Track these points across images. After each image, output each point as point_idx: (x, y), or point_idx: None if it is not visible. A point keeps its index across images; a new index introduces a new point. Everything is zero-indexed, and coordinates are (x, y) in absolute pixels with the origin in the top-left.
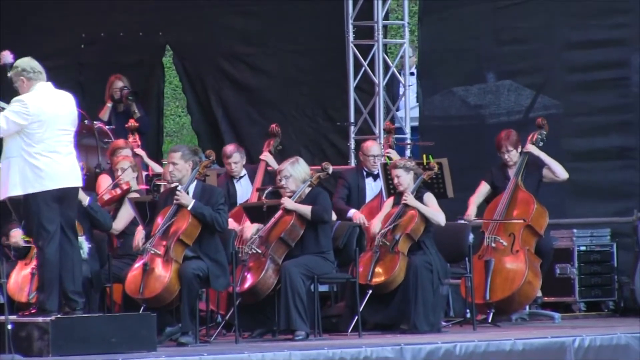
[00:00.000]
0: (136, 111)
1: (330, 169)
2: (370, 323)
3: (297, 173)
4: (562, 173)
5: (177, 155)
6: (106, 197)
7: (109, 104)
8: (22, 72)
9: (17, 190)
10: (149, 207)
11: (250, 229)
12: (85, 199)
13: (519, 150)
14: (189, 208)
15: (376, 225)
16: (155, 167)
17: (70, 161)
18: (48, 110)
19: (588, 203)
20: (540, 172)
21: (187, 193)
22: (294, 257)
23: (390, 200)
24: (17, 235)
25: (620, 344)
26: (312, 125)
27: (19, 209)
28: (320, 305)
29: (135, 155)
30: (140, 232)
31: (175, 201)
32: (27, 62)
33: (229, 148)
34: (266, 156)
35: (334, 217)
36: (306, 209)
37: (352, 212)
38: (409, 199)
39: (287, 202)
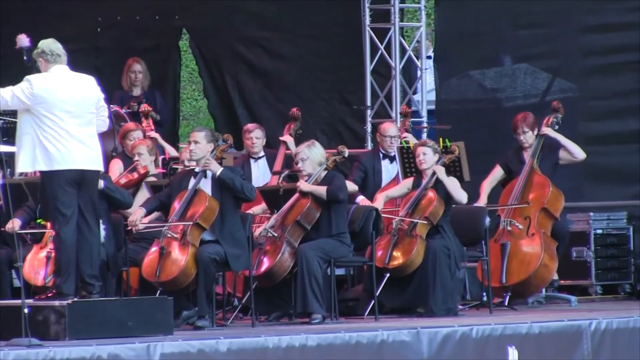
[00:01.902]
0: (156, 116)
1: (347, 152)
2: (387, 307)
3: (313, 155)
4: (579, 153)
5: (200, 134)
6: (122, 181)
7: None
8: (42, 54)
9: (26, 167)
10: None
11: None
12: (99, 183)
13: (535, 132)
14: (217, 174)
15: (381, 200)
16: (170, 149)
17: (88, 144)
18: (57, 92)
19: (604, 186)
20: (556, 154)
21: (205, 175)
22: (311, 240)
23: (408, 180)
24: (14, 223)
25: (637, 327)
26: (328, 108)
27: (35, 192)
28: (337, 289)
29: (149, 138)
30: (140, 210)
31: (204, 167)
32: (48, 45)
33: (251, 125)
34: (286, 138)
35: None
36: (321, 190)
37: (360, 199)
38: (439, 171)
39: (303, 185)
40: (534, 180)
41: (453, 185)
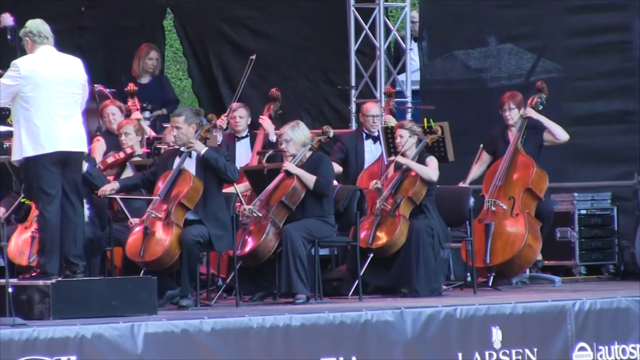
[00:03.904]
0: (163, 111)
1: (331, 132)
2: (371, 287)
3: (297, 137)
4: (562, 135)
5: (180, 119)
6: (109, 160)
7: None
8: (28, 34)
9: (16, 156)
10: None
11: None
12: (83, 165)
13: (521, 111)
14: (201, 153)
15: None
16: (149, 131)
17: (72, 125)
18: (44, 73)
19: (589, 167)
20: (540, 136)
21: (190, 155)
22: (295, 220)
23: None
24: None
25: (621, 307)
26: (313, 89)
27: (19, 172)
28: (321, 269)
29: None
30: (114, 183)
31: (188, 148)
32: (36, 25)
33: (235, 103)
34: (264, 120)
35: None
36: (310, 178)
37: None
38: (399, 158)
39: (290, 166)
40: (518, 161)
41: (416, 165)
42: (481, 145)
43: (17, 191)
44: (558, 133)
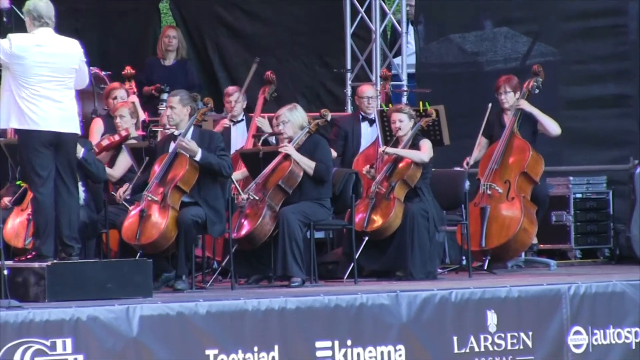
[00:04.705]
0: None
1: (329, 115)
2: (366, 270)
3: (294, 119)
4: (554, 129)
5: (175, 99)
6: (104, 142)
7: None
8: (29, 13)
9: (2, 124)
10: (145, 154)
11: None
12: (79, 150)
13: (517, 95)
14: (196, 158)
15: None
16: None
17: (64, 107)
18: (34, 54)
19: (584, 151)
20: (535, 123)
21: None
22: (292, 203)
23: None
24: None
25: (616, 291)
26: (308, 72)
27: (15, 154)
28: (316, 252)
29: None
30: (126, 186)
31: (180, 150)
32: (35, 7)
33: (231, 87)
34: (258, 120)
35: None
36: (309, 164)
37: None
38: (388, 149)
39: (290, 150)
40: (514, 144)
41: (406, 152)
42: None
43: (15, 177)
44: (549, 127)
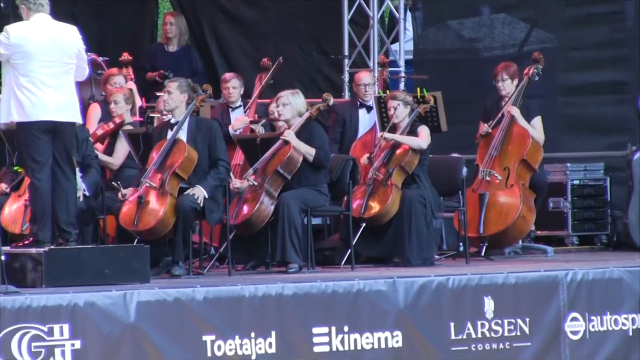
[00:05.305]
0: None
1: (331, 100)
2: (363, 256)
3: (295, 103)
4: (538, 139)
5: (173, 85)
6: (99, 132)
7: None
8: (24, 1)
9: (3, 118)
10: (142, 139)
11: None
12: (82, 187)
13: (515, 82)
14: (206, 196)
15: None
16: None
17: (62, 95)
18: (34, 41)
19: (582, 137)
20: (531, 117)
21: (181, 128)
22: (290, 189)
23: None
24: None
25: (613, 277)
26: (306, 58)
27: (12, 139)
28: (313, 238)
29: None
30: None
31: (192, 194)
32: None
33: (229, 74)
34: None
35: None
36: (309, 151)
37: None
38: (386, 134)
39: (290, 136)
40: (513, 132)
41: (403, 138)
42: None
43: (12, 163)
44: (535, 137)
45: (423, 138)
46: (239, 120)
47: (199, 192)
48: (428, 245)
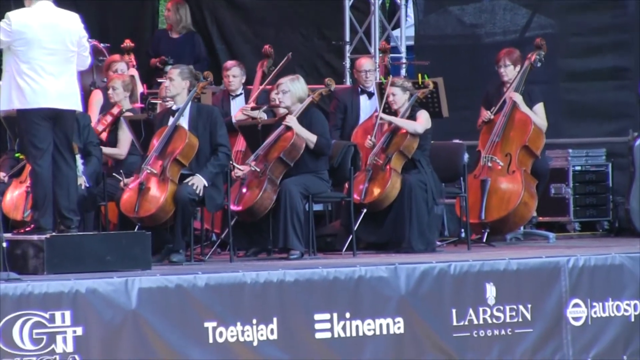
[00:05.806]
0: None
1: (333, 85)
2: (364, 242)
3: (295, 89)
4: (540, 125)
5: (175, 71)
6: (100, 128)
7: None
8: None
9: (4, 105)
10: (144, 126)
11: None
12: (82, 180)
13: (517, 69)
14: (206, 184)
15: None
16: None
17: (63, 82)
18: (35, 29)
19: (583, 123)
20: (533, 104)
21: (182, 115)
22: (291, 175)
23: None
24: None
25: (615, 264)
26: (307, 44)
27: (13, 126)
28: (315, 225)
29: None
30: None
31: (190, 184)
32: None
33: (230, 62)
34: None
35: None
36: (311, 137)
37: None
38: (383, 115)
39: (293, 122)
40: (515, 118)
41: (399, 120)
42: None
43: (13, 149)
44: (537, 122)
45: (420, 122)
46: (240, 112)
47: (199, 182)
48: (429, 231)
